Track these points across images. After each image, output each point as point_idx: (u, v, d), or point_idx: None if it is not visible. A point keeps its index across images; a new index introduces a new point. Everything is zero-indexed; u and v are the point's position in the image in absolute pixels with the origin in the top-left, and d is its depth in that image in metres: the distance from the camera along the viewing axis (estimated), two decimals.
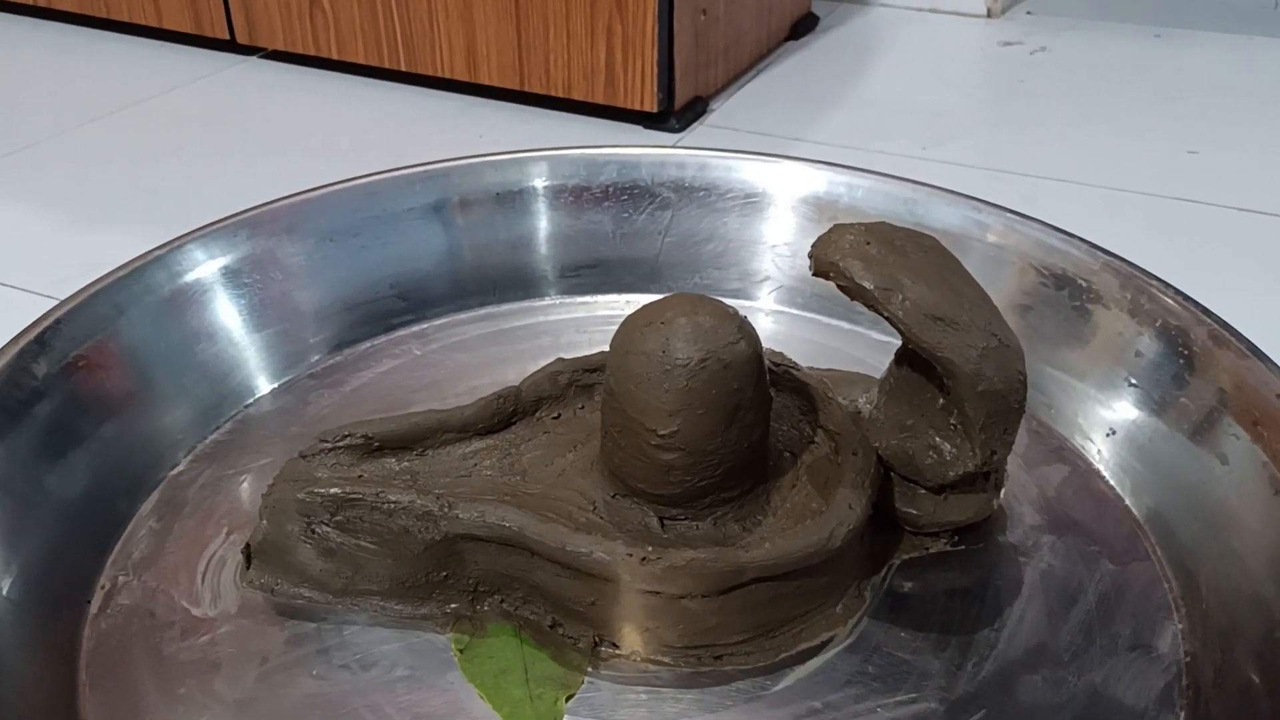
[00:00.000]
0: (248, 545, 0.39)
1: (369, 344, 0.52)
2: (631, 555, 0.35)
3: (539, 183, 0.56)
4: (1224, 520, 0.39)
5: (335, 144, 0.87)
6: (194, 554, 0.40)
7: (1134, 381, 0.45)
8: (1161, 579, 0.40)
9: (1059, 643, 0.37)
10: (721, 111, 0.91)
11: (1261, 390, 0.40)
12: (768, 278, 0.55)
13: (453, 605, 0.38)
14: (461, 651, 0.37)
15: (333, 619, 0.38)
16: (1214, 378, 0.42)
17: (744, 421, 0.36)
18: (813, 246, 0.38)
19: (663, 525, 0.38)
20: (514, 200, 0.56)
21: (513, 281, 0.56)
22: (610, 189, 0.56)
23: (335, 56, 0.97)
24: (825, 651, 0.37)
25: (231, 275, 0.50)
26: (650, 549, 0.35)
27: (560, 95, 0.88)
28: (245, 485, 0.44)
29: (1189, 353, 0.43)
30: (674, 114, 0.87)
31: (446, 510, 0.36)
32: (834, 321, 0.53)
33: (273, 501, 0.38)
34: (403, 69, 0.94)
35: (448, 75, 0.93)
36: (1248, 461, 0.39)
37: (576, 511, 0.38)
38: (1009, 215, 0.51)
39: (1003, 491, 0.42)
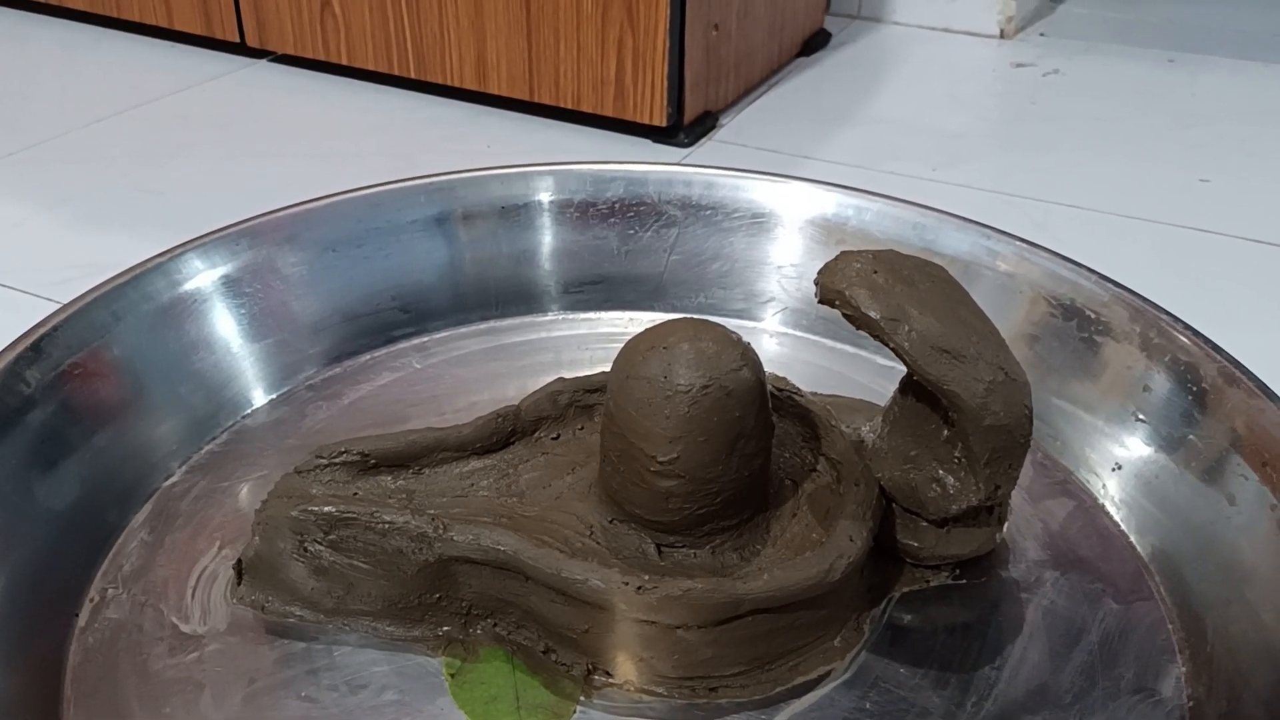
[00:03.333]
0: (239, 561, 0.38)
1: (368, 356, 0.52)
2: (628, 584, 0.34)
3: (544, 197, 0.56)
4: (1232, 564, 0.38)
5: (343, 149, 0.86)
6: (185, 568, 0.40)
7: (1142, 417, 0.44)
8: (1166, 620, 0.39)
9: (1061, 683, 0.36)
10: (731, 127, 0.91)
11: (1272, 431, 0.39)
12: (773, 299, 0.55)
13: (445, 628, 0.37)
14: (453, 676, 0.36)
15: (323, 639, 0.37)
16: (1224, 416, 0.41)
17: (745, 450, 0.36)
18: (819, 274, 0.37)
19: (660, 553, 0.37)
20: (519, 214, 0.56)
21: (515, 296, 0.55)
22: (616, 205, 0.56)
23: (345, 62, 0.97)
24: (822, 686, 0.36)
25: (230, 285, 0.49)
26: (646, 578, 0.34)
27: (569, 107, 0.88)
28: (239, 498, 0.43)
29: (1198, 389, 0.43)
30: (683, 128, 0.86)
31: (441, 532, 0.36)
32: (839, 345, 0.53)
33: (265, 518, 0.37)
34: (412, 76, 0.94)
35: (457, 84, 0.93)
36: (1257, 504, 0.39)
37: (573, 536, 0.38)
38: (1019, 243, 0.51)
39: (1006, 525, 0.41)
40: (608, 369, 0.42)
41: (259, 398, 0.48)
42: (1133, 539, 0.42)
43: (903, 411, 0.39)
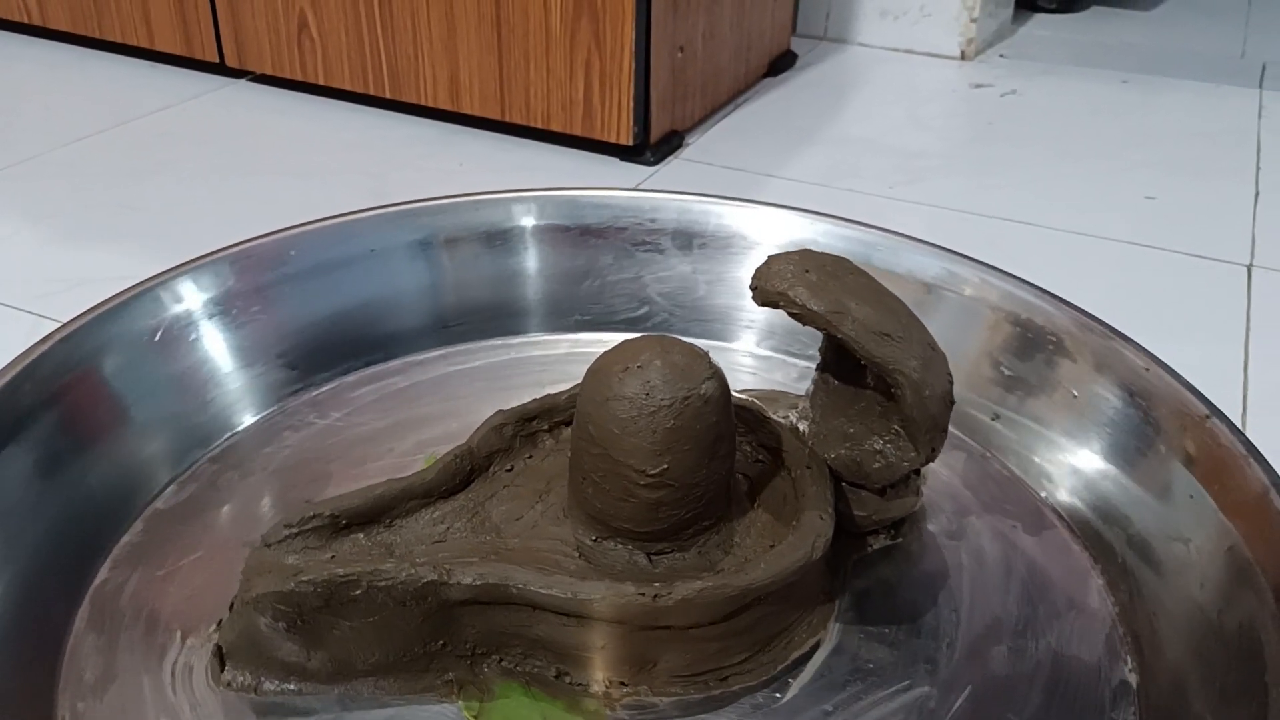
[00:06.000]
0: (217, 647, 0.37)
1: (260, 417, 0.50)
2: (643, 594, 0.36)
3: (412, 237, 0.56)
4: (1120, 483, 0.44)
5: (320, 166, 0.88)
6: (154, 665, 0.38)
7: (1009, 372, 0.50)
8: (1072, 541, 0.44)
9: (1010, 614, 0.41)
10: (697, 146, 0.94)
11: (1131, 365, 0.46)
12: (648, 306, 0.57)
13: (450, 673, 0.38)
14: (476, 718, 0.36)
15: (325, 711, 0.36)
16: (1081, 358, 0.48)
17: (721, 451, 0.38)
18: (755, 278, 0.40)
19: (650, 560, 0.39)
20: (388, 256, 0.55)
21: (393, 339, 0.55)
22: (484, 234, 0.57)
23: (322, 82, 1.00)
24: (816, 657, 0.39)
25: (121, 363, 0.47)
26: (658, 585, 0.36)
27: (539, 126, 0.91)
28: (181, 585, 0.41)
29: (1055, 341, 0.49)
30: (649, 147, 0.90)
31: (446, 578, 0.36)
32: (716, 344, 0.56)
33: (255, 597, 0.36)
34: (387, 96, 0.97)
35: (431, 103, 0.96)
36: (1126, 427, 0.45)
37: (563, 559, 0.39)
38: (879, 232, 0.56)
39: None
40: (538, 398, 0.43)
41: (161, 478, 0.46)
42: (1023, 478, 0.48)
43: (829, 395, 0.43)
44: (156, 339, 0.48)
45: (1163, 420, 0.44)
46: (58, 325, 0.46)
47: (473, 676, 0.38)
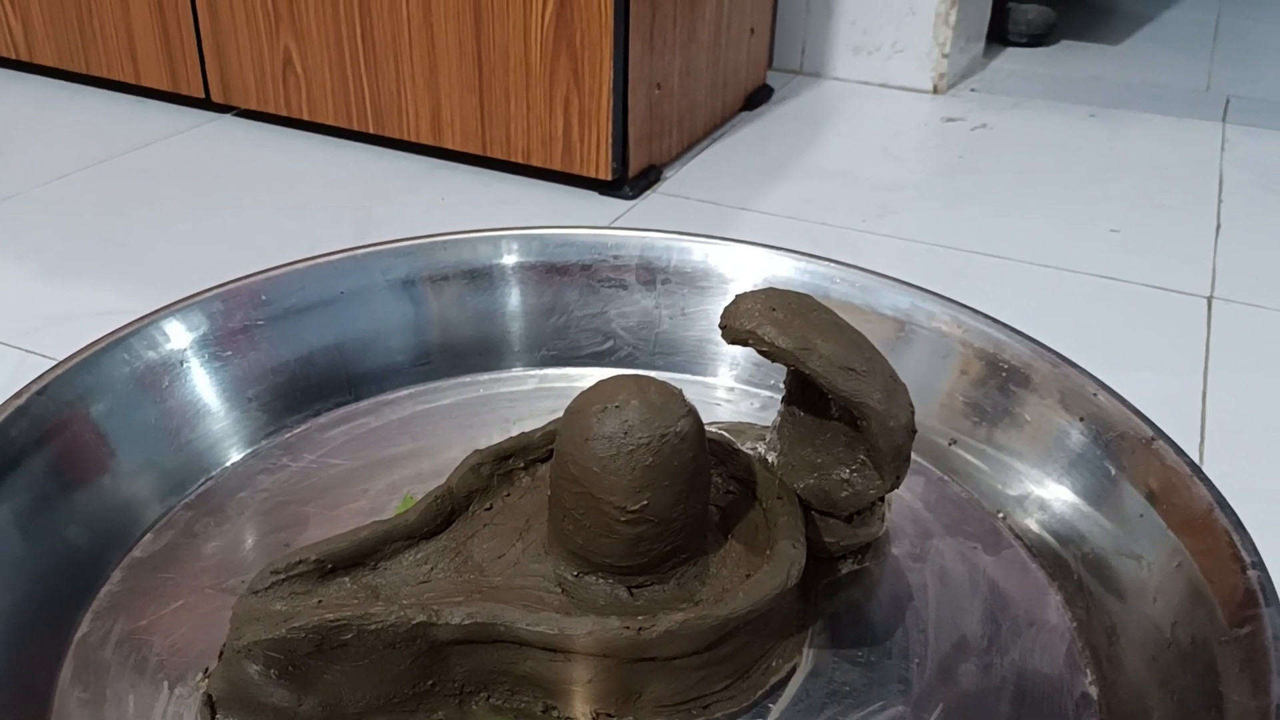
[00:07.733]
0: (208, 696, 0.37)
1: (234, 461, 0.51)
2: (629, 628, 0.37)
3: (380, 279, 0.56)
4: (1073, 503, 0.46)
5: (305, 201, 0.89)
6: (142, 717, 0.38)
7: (964, 398, 0.52)
8: (1029, 560, 0.46)
9: (975, 631, 0.43)
10: (674, 180, 0.96)
11: (1081, 391, 0.48)
12: (611, 342, 0.58)
13: (440, 712, 0.38)
14: None
15: None
16: (1033, 384, 0.50)
17: (698, 485, 0.40)
18: (723, 317, 0.41)
19: (631, 594, 0.40)
20: (356, 298, 0.56)
21: (362, 379, 0.56)
22: (455, 274, 0.58)
23: (306, 117, 1.01)
24: (793, 681, 0.40)
25: (94, 413, 0.47)
26: (641, 619, 0.37)
27: (520, 161, 0.93)
28: (165, 634, 0.41)
29: (1009, 369, 0.51)
30: (628, 182, 0.92)
31: (435, 619, 0.37)
32: (681, 377, 0.57)
33: (245, 645, 0.36)
34: (371, 131, 0.99)
35: (413, 139, 0.97)
36: (1077, 449, 0.47)
37: (546, 596, 0.40)
38: (829, 263, 0.57)
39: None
40: (512, 436, 0.44)
41: (138, 526, 0.46)
42: (980, 500, 0.50)
43: (796, 427, 0.44)
44: (130, 387, 0.48)
45: (1112, 443, 0.46)
46: (44, 360, 0.46)
47: (461, 715, 0.38)
